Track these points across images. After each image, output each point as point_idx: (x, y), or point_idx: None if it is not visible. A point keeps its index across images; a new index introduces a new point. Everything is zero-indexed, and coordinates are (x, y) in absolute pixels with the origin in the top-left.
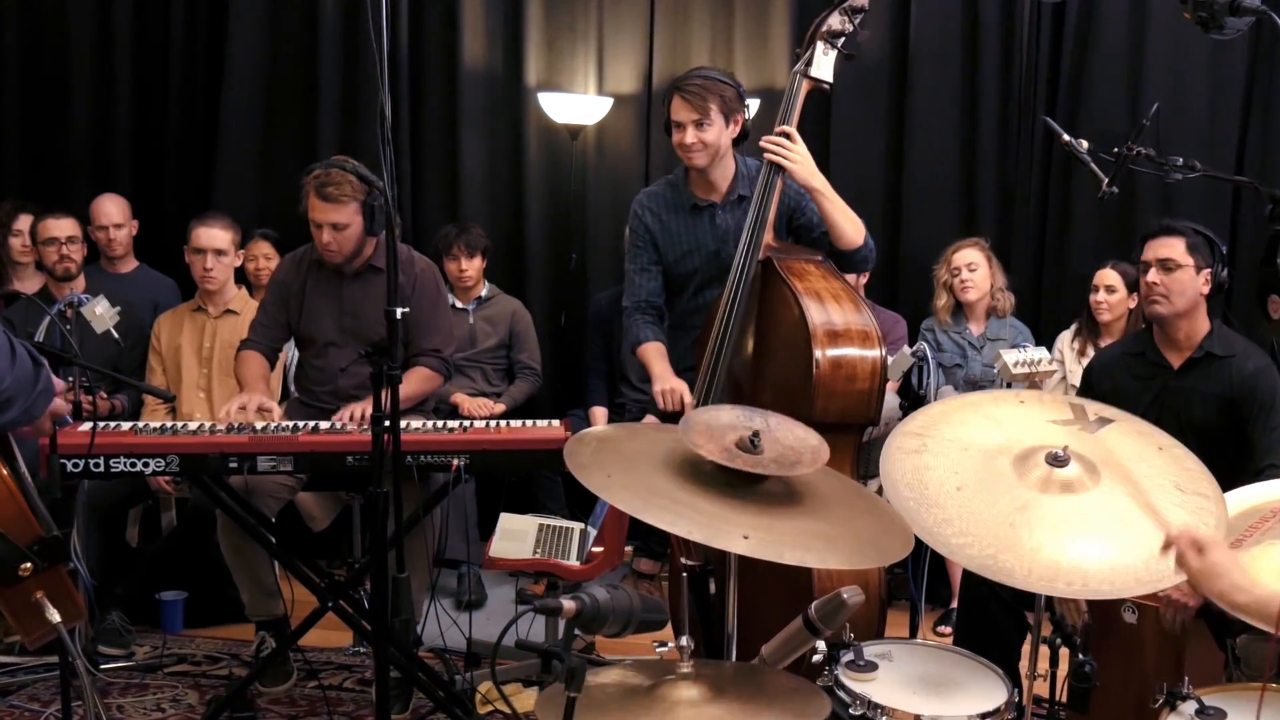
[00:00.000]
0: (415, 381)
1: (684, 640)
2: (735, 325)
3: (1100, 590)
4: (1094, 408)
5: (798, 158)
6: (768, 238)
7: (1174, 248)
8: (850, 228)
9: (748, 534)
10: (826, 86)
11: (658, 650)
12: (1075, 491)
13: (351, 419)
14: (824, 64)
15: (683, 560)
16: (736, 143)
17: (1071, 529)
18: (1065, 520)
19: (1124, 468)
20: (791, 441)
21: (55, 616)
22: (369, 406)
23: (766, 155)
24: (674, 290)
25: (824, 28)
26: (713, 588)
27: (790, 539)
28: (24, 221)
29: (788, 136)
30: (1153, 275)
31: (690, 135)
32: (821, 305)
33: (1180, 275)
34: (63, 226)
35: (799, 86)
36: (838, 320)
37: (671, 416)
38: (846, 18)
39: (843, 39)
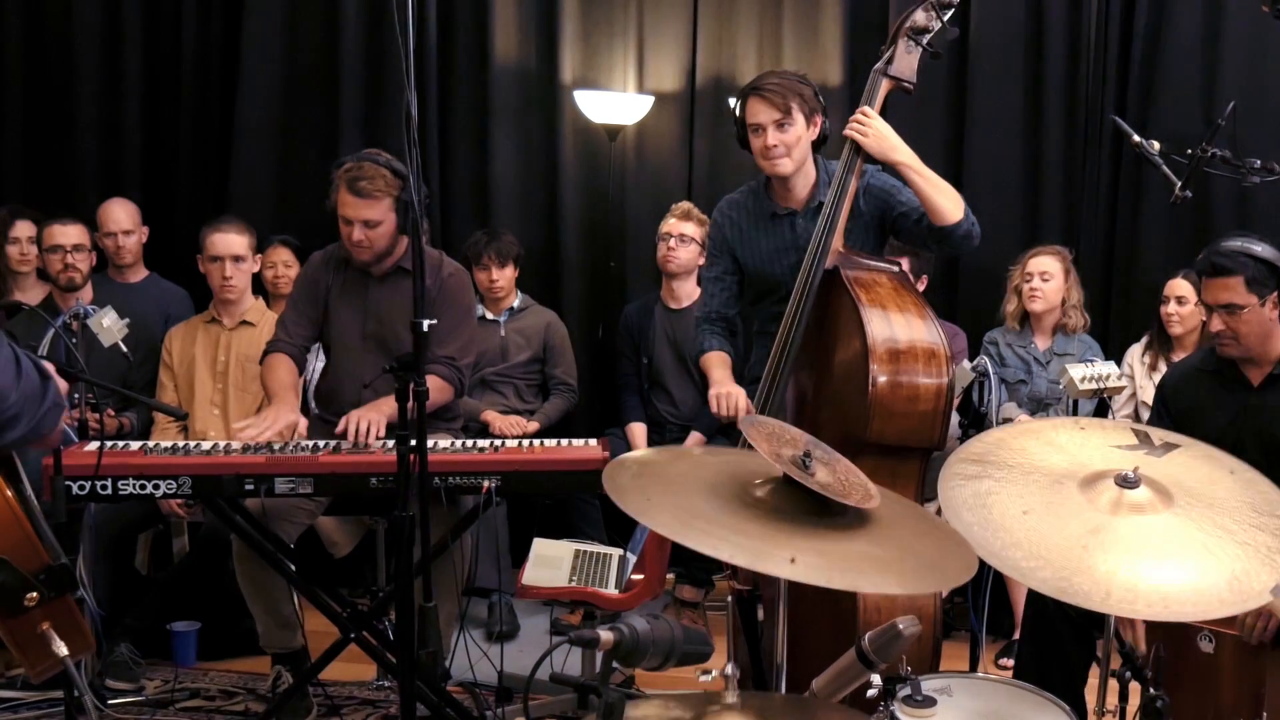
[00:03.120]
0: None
1: (729, 668)
2: (798, 335)
3: (1183, 612)
4: (1158, 434)
5: (869, 131)
6: (838, 242)
7: (1233, 290)
8: (947, 201)
9: (794, 557)
10: (909, 86)
11: (701, 679)
12: (1147, 514)
13: (359, 432)
14: (906, 62)
15: (731, 584)
16: (816, 147)
17: (1148, 551)
18: (1141, 543)
19: (1196, 490)
20: (847, 478)
21: (62, 649)
22: (376, 414)
23: (846, 131)
24: (756, 299)
25: (908, 24)
26: (760, 614)
27: (840, 563)
28: (22, 228)
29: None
30: (1217, 322)
31: (772, 136)
32: (886, 319)
33: (1246, 315)
34: (69, 234)
35: (879, 86)
36: (902, 336)
37: (726, 429)
38: (933, 13)
39: (928, 36)
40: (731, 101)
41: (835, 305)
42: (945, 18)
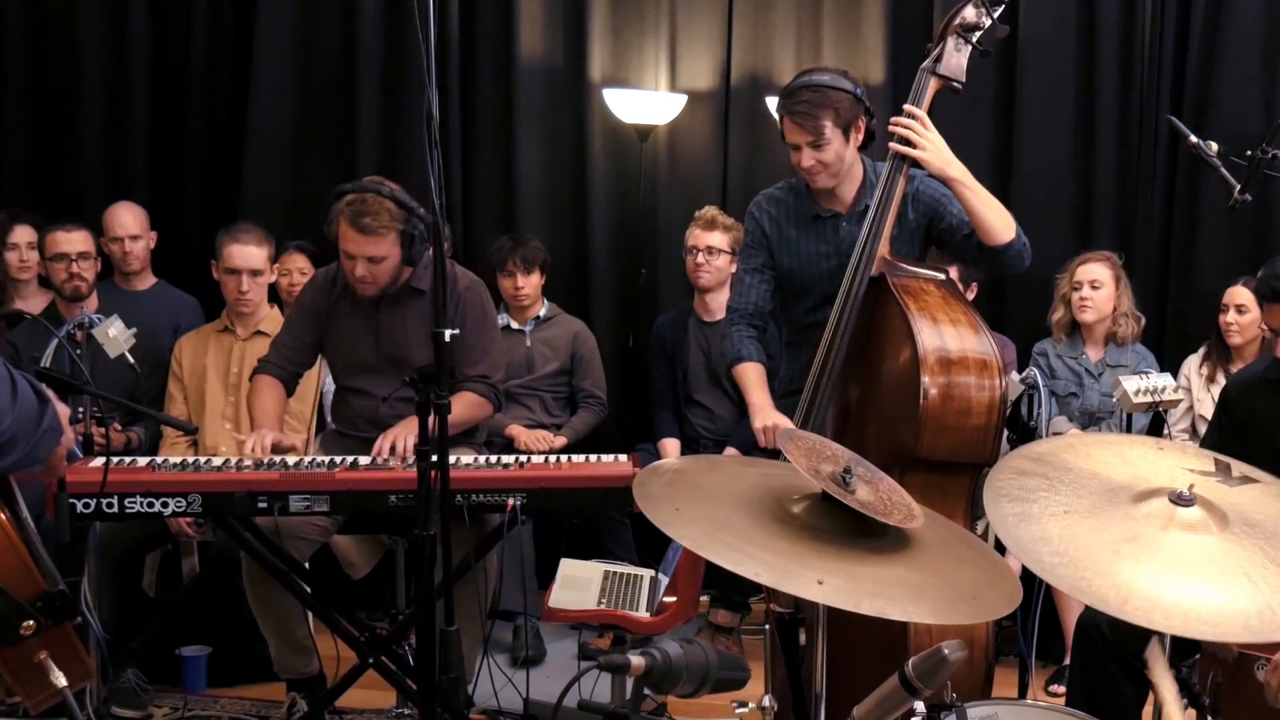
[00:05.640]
0: (461, 407)
1: (767, 700)
2: (842, 347)
3: (1200, 630)
4: (1241, 467)
5: (929, 143)
6: (884, 250)
7: None
8: (999, 220)
9: (823, 579)
10: (958, 86)
11: (737, 711)
12: (1196, 533)
13: (393, 451)
14: (955, 61)
15: (771, 607)
16: (863, 146)
17: (1183, 568)
18: (1177, 559)
19: (1257, 521)
20: (889, 497)
21: (61, 680)
22: (409, 432)
23: (893, 145)
24: (788, 304)
25: (956, 20)
26: (803, 638)
27: (871, 587)
28: (22, 233)
29: (916, 121)
30: None
31: (807, 158)
32: (936, 328)
33: None
34: (74, 241)
35: (926, 85)
36: (953, 346)
37: (772, 454)
38: (983, 10)
39: (978, 33)
40: (769, 102)
41: (882, 314)
42: (995, 14)
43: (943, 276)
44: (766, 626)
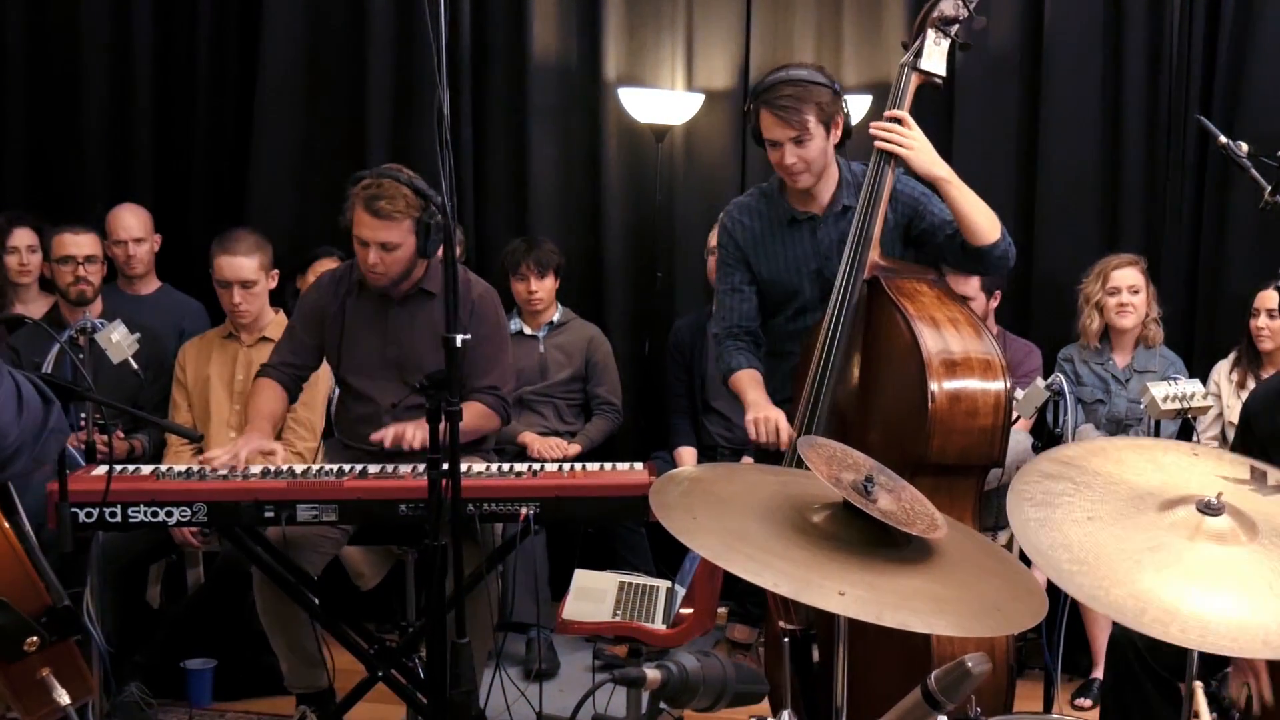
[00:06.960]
0: (469, 417)
1: (785, 715)
2: (838, 354)
3: (1219, 645)
4: (1278, 474)
5: (914, 144)
6: (874, 254)
7: None
8: (985, 220)
9: (844, 590)
10: (938, 81)
11: None
12: (1225, 543)
13: (397, 437)
14: (935, 55)
15: (781, 625)
16: (838, 146)
17: (1205, 579)
18: (1200, 570)
19: None
20: (911, 507)
21: (64, 698)
22: (416, 429)
23: (877, 145)
24: (768, 313)
25: (935, 14)
26: (816, 655)
27: (893, 598)
28: (21, 236)
29: (899, 122)
30: None
31: (790, 155)
32: (937, 330)
33: None
34: (81, 243)
35: (907, 80)
36: (956, 347)
37: (768, 454)
38: (960, 2)
39: (956, 26)
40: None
41: (878, 319)
42: (972, 6)
43: (933, 275)
44: (763, 645)
